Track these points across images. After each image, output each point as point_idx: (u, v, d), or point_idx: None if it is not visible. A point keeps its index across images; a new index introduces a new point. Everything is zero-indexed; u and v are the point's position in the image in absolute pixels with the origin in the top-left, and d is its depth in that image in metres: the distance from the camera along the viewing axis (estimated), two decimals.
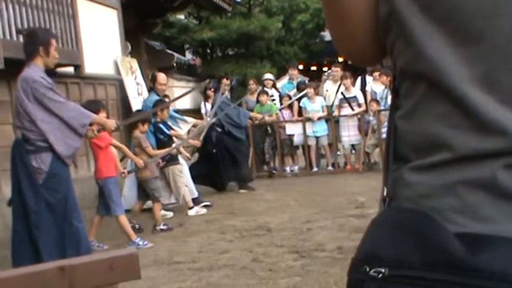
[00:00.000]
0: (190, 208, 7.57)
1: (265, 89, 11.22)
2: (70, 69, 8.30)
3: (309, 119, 10.56)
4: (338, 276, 4.28)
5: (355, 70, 11.20)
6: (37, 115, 4.63)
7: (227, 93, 9.76)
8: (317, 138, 10.66)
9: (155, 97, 7.90)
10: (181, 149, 7.80)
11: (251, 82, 11.53)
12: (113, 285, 1.38)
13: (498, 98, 0.78)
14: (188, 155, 7.90)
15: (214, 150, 8.94)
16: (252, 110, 10.64)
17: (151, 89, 8.32)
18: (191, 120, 8.82)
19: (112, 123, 5.38)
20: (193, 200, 7.78)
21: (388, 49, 0.92)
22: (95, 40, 9.14)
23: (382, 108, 9.91)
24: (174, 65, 14.57)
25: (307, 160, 10.82)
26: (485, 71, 0.79)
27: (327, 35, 20.03)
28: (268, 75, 12.00)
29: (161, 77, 8.12)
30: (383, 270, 0.81)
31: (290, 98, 11.05)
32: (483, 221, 0.78)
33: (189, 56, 19.27)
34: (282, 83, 12.56)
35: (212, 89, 9.79)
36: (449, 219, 0.80)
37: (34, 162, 4.66)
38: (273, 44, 19.99)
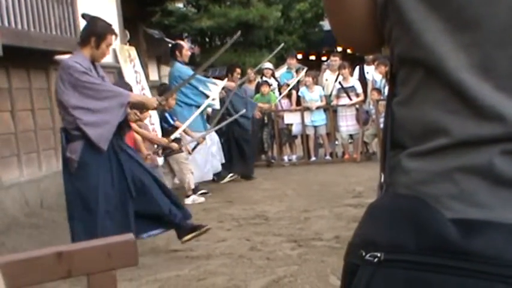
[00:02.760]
0: (187, 196, 7.56)
1: (265, 78, 11.18)
2: None
3: (308, 109, 10.55)
4: (335, 265, 4.30)
5: (354, 60, 11.18)
6: (70, 101, 4.51)
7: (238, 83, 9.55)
8: (315, 127, 10.65)
9: (183, 66, 8.04)
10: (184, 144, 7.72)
11: (249, 71, 11.47)
12: (110, 271, 1.39)
13: (494, 85, 0.78)
14: (190, 149, 7.82)
15: (222, 140, 8.90)
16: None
17: (173, 59, 8.33)
18: (221, 82, 8.65)
19: (153, 100, 5.12)
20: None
21: (386, 37, 0.93)
22: None
23: (380, 98, 9.89)
24: None
25: (305, 149, 10.80)
26: (481, 58, 0.79)
27: (325, 25, 19.99)
28: (268, 65, 11.94)
29: (185, 44, 8.15)
30: (379, 255, 0.82)
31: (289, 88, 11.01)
32: (479, 207, 0.78)
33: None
34: (281, 72, 12.53)
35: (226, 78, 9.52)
36: (445, 206, 0.80)
37: (68, 152, 4.57)
38: (272, 33, 19.95)
